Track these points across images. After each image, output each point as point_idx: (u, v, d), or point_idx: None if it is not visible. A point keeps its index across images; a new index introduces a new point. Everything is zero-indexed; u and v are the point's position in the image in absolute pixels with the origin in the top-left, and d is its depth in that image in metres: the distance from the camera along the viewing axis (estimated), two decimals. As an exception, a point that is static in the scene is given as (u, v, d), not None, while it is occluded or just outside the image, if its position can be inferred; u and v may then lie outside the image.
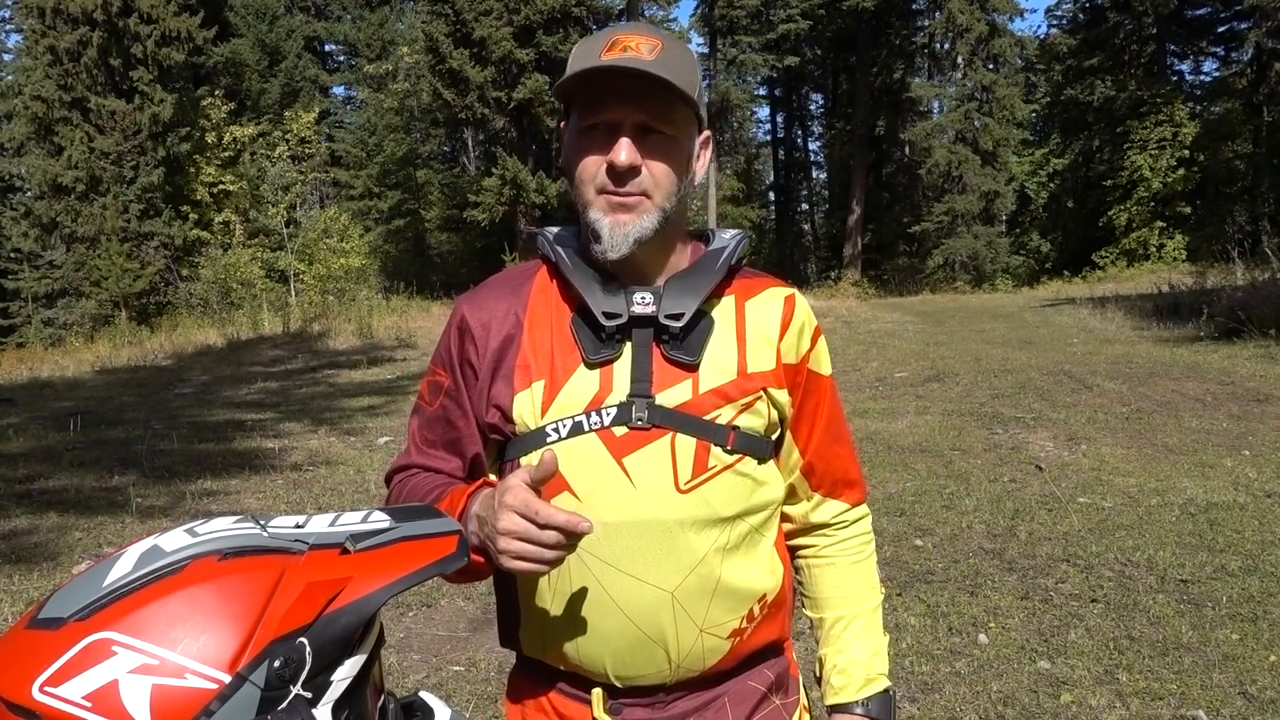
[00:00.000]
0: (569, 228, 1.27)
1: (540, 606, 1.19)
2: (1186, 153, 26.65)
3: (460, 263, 30.53)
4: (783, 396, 1.22)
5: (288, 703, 0.76)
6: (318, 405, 9.41)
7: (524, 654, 1.26)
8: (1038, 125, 35.53)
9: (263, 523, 0.86)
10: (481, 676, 3.52)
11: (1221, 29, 28.98)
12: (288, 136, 26.43)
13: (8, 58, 34.66)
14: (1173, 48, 30.01)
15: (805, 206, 40.22)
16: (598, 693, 1.19)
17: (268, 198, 26.37)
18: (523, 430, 1.18)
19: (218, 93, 27.44)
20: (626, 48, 1.11)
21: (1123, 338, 12.12)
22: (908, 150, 29.65)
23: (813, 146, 39.77)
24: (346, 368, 12.18)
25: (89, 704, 0.71)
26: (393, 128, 31.28)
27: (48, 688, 0.71)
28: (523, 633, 1.23)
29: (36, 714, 0.71)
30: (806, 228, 39.08)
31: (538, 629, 1.21)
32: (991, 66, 27.75)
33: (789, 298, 1.25)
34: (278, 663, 0.75)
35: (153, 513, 5.54)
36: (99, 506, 5.71)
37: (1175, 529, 4.80)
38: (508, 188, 24.28)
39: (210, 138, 26.60)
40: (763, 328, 1.22)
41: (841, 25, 30.17)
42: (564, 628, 1.18)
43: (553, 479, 1.06)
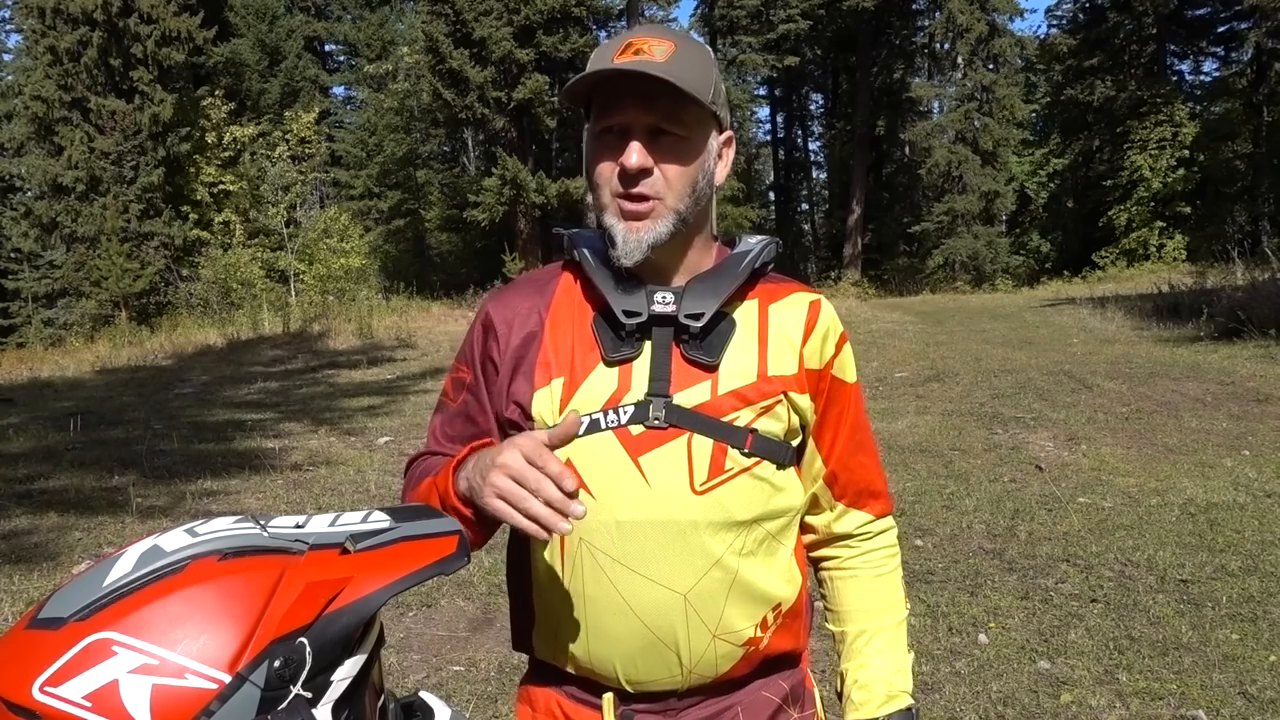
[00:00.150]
0: (594, 229, 1.27)
1: (552, 605, 1.19)
2: (1186, 153, 26.65)
3: (460, 263, 30.56)
4: (804, 401, 1.21)
5: (288, 703, 0.76)
6: (318, 405, 9.42)
7: (536, 657, 1.25)
8: (1038, 125, 35.50)
9: (263, 523, 0.86)
10: (481, 676, 3.52)
11: (1221, 29, 28.98)
12: (288, 136, 26.40)
13: (8, 58, 34.72)
14: (1173, 48, 30.02)
15: (805, 206, 40.22)
16: (609, 698, 1.19)
17: (268, 198, 26.36)
18: (541, 427, 1.18)
19: (218, 93, 27.41)
20: (639, 50, 1.11)
21: (1123, 338, 12.12)
22: (908, 150, 29.65)
23: (813, 146, 39.80)
24: (346, 368, 12.19)
25: (89, 704, 0.71)
26: (393, 128, 31.29)
27: (48, 688, 0.71)
28: (535, 633, 1.23)
29: (37, 714, 0.71)
30: (806, 228, 39.05)
31: (550, 629, 1.20)
32: (991, 66, 27.74)
33: (814, 303, 1.24)
34: (278, 663, 0.75)
35: (153, 513, 5.54)
36: (99, 506, 5.71)
37: (1175, 529, 4.80)
38: (508, 188, 24.27)
39: (210, 138, 26.58)
40: (785, 332, 1.21)
41: (841, 25, 30.15)
42: (576, 628, 1.17)
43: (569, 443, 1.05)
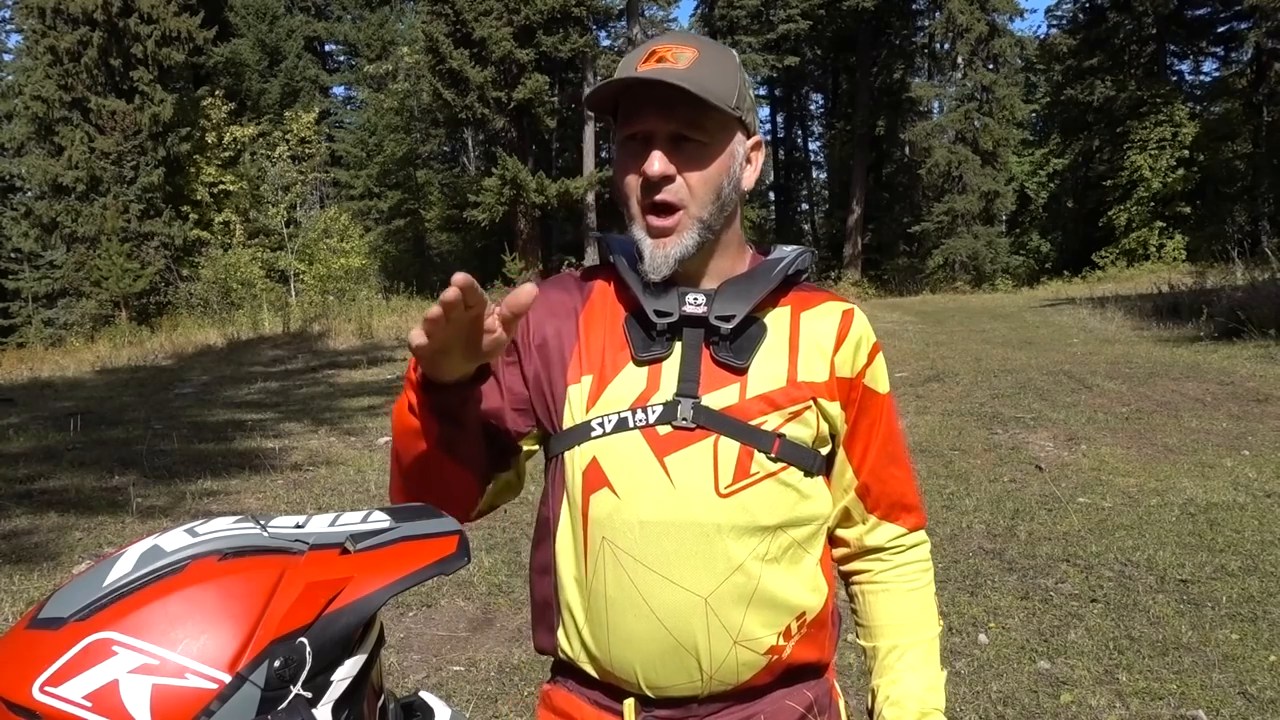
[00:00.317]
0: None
1: (575, 604, 1.19)
2: (1186, 153, 26.66)
3: (460, 263, 30.50)
4: (834, 409, 1.20)
5: (288, 703, 0.76)
6: (318, 405, 9.41)
7: (560, 658, 1.25)
8: (1038, 125, 35.52)
9: (263, 523, 0.86)
10: (481, 676, 3.52)
11: (1221, 29, 28.99)
12: (288, 136, 26.41)
13: (8, 58, 34.71)
14: (1173, 48, 30.03)
15: (805, 206, 40.25)
16: (630, 703, 1.19)
17: (268, 198, 26.38)
18: (569, 423, 1.19)
19: (218, 93, 27.42)
20: (662, 58, 1.12)
21: (1123, 338, 12.12)
22: (908, 150, 29.66)
23: (813, 146, 39.85)
24: (346, 368, 12.18)
25: (89, 704, 0.71)
26: (393, 128, 31.29)
27: (48, 688, 0.71)
28: (561, 632, 1.23)
29: (37, 714, 0.71)
30: (806, 228, 39.05)
31: (573, 628, 1.20)
32: (991, 66, 27.75)
33: (847, 312, 1.24)
34: (278, 663, 0.75)
35: (153, 513, 5.54)
36: (99, 506, 5.71)
37: (1175, 529, 4.80)
38: (508, 188, 24.28)
39: (210, 138, 26.59)
40: (817, 339, 1.21)
41: (841, 25, 30.17)
42: (597, 629, 1.17)
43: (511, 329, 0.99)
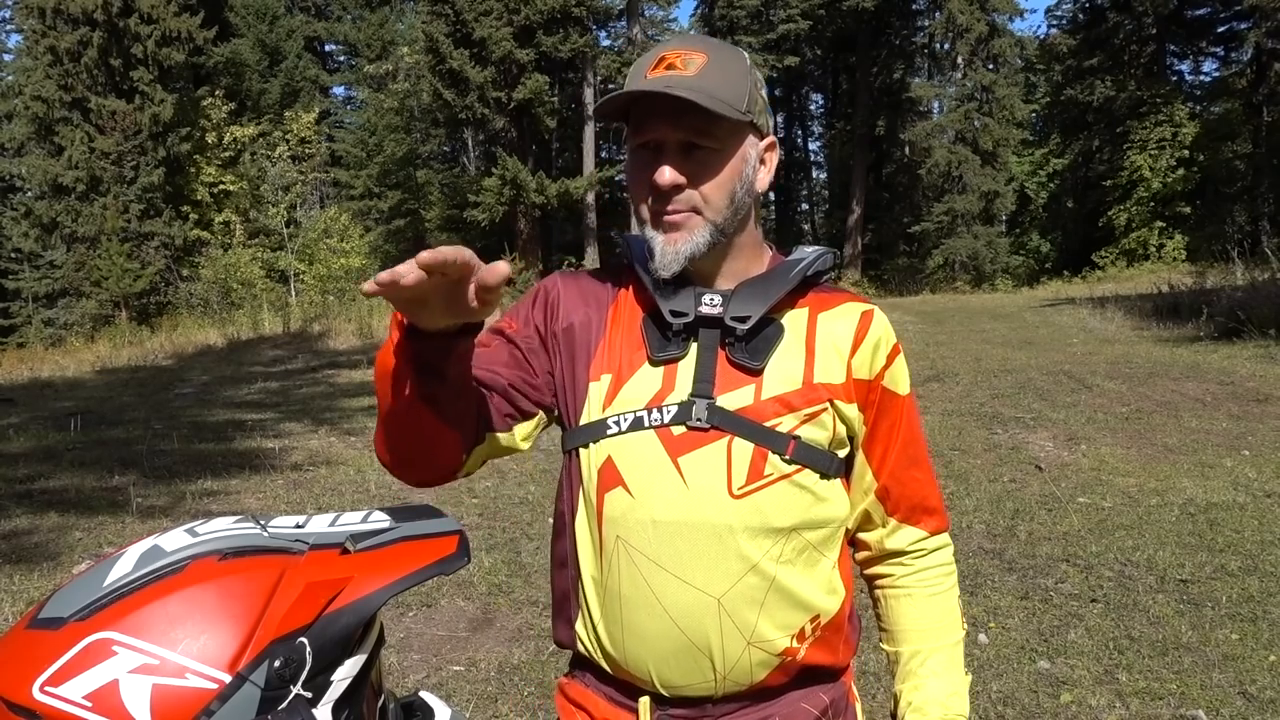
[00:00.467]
0: None
1: (592, 601, 1.20)
2: (1186, 153, 26.64)
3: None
4: (852, 411, 1.19)
5: (288, 702, 0.76)
6: (318, 405, 9.41)
7: (579, 652, 1.26)
8: (1038, 125, 35.50)
9: (263, 523, 0.86)
10: (481, 676, 3.51)
11: (1221, 29, 28.96)
12: (288, 136, 26.43)
13: (8, 58, 34.71)
14: (1172, 48, 30.01)
15: (805, 206, 40.24)
16: (645, 701, 1.19)
17: (268, 198, 26.38)
18: (586, 420, 1.19)
19: (218, 93, 27.44)
20: (671, 65, 1.11)
21: (1122, 338, 12.12)
22: (908, 150, 29.65)
23: (813, 146, 39.82)
24: (346, 368, 12.19)
25: (89, 704, 0.71)
26: (393, 128, 31.27)
27: (48, 687, 0.71)
28: (580, 626, 1.24)
29: (37, 714, 0.71)
30: (806, 228, 39.05)
31: (590, 624, 1.21)
32: (991, 66, 27.74)
33: (866, 313, 1.23)
34: (278, 663, 0.75)
35: (153, 513, 5.54)
36: (99, 506, 5.71)
37: (1175, 529, 4.80)
38: (508, 188, 24.28)
39: (210, 138, 26.60)
40: (834, 340, 1.20)
41: (841, 25, 30.15)
42: (612, 626, 1.18)
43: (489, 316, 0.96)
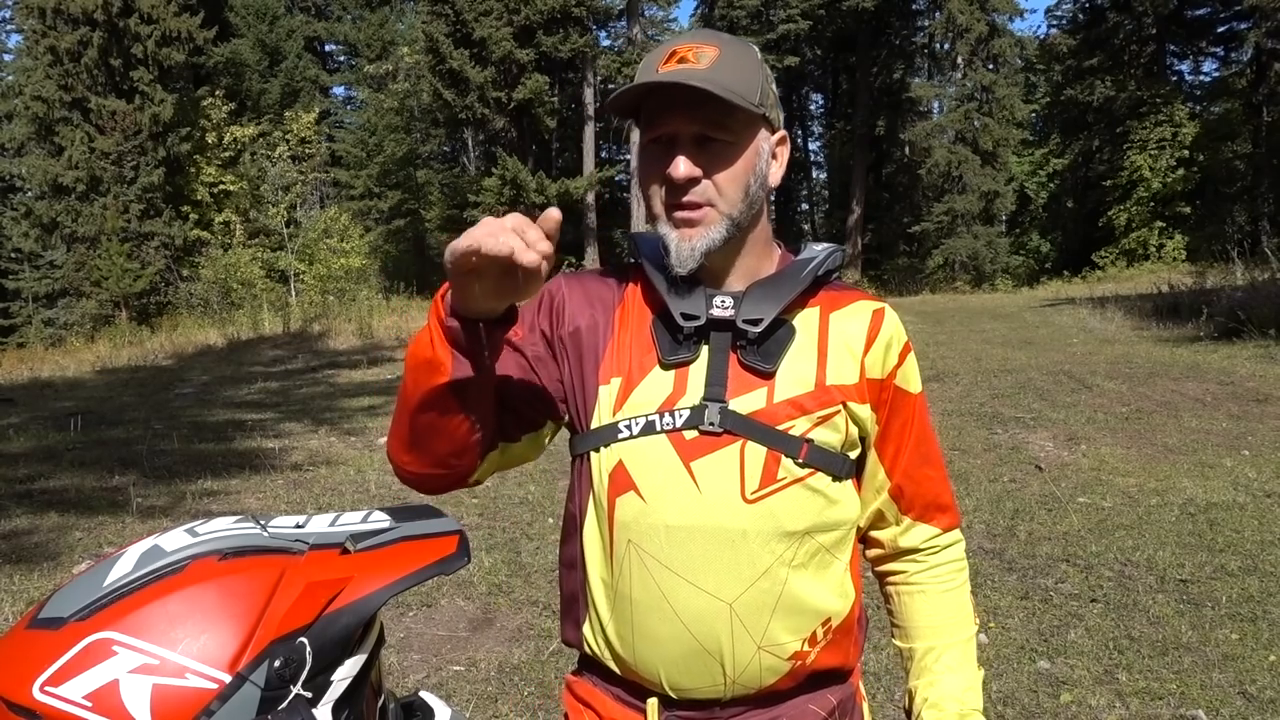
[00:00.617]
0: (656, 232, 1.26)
1: (601, 603, 1.19)
2: (1186, 153, 26.64)
3: (460, 263, 30.44)
4: (865, 412, 1.19)
5: (288, 702, 0.76)
6: (318, 405, 9.41)
7: (586, 652, 1.25)
8: (1038, 125, 35.50)
9: (263, 523, 0.86)
10: (481, 676, 3.51)
11: (1221, 29, 28.97)
12: (288, 136, 26.42)
13: (8, 58, 34.73)
14: (1172, 48, 30.01)
15: (805, 206, 40.21)
16: (653, 703, 1.18)
17: (268, 198, 26.38)
18: (596, 424, 1.18)
19: (218, 93, 27.43)
20: (683, 59, 1.10)
21: (1122, 338, 12.11)
22: (908, 150, 29.65)
23: (813, 146, 39.77)
24: (346, 368, 12.19)
25: (89, 704, 0.71)
26: (393, 128, 31.29)
27: (48, 687, 0.71)
28: (585, 628, 1.23)
29: (37, 714, 0.71)
30: (806, 228, 39.05)
31: (598, 626, 1.20)
32: (991, 66, 27.75)
33: (877, 311, 1.23)
34: (278, 662, 0.75)
35: (153, 513, 5.54)
36: (99, 506, 5.71)
37: (1175, 529, 4.80)
38: (508, 188, 24.28)
39: (210, 138, 26.60)
40: (847, 340, 1.19)
41: (841, 25, 30.15)
42: (622, 629, 1.17)
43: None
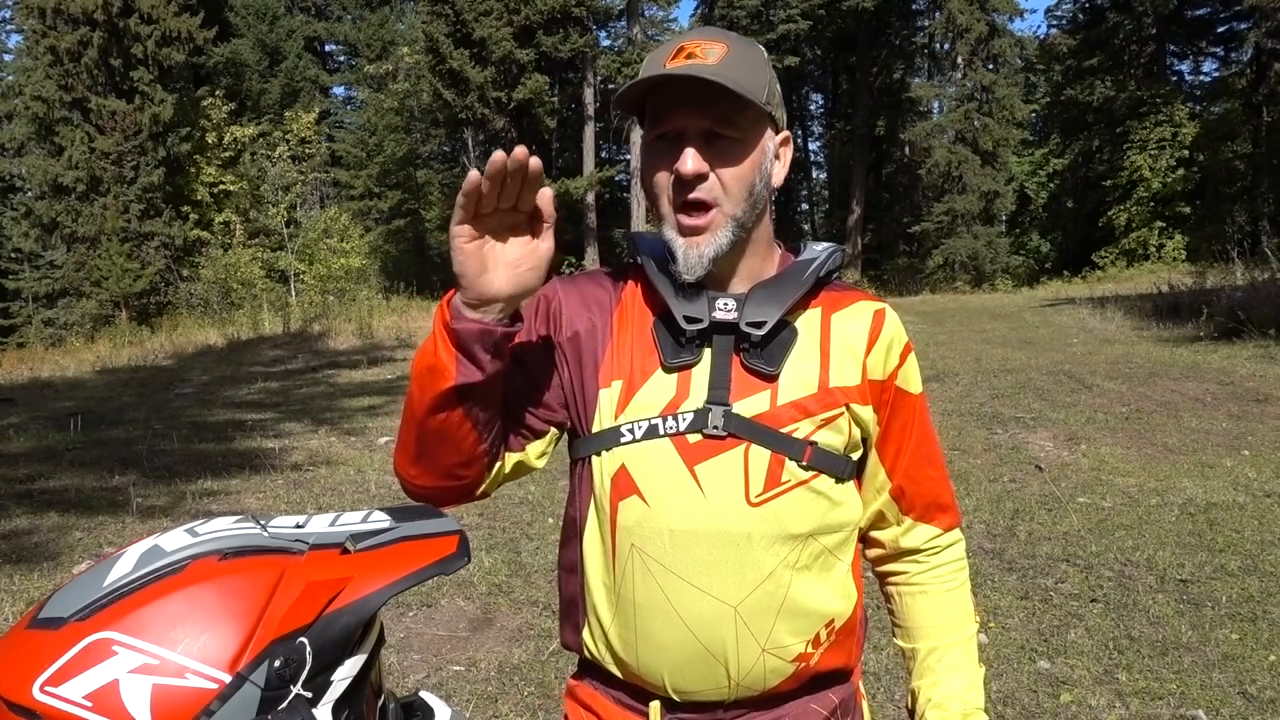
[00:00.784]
0: (656, 232, 1.24)
1: (603, 607, 1.18)
2: (1186, 153, 26.66)
3: (460, 263, 30.43)
4: (867, 413, 1.18)
5: (288, 702, 0.76)
6: (318, 405, 9.41)
7: (586, 657, 1.24)
8: (1038, 125, 35.51)
9: (263, 523, 0.86)
10: (481, 676, 3.51)
11: (1221, 29, 28.99)
12: (288, 136, 26.41)
13: (8, 58, 34.75)
14: (1172, 48, 30.02)
15: (805, 206, 40.22)
16: (655, 705, 1.18)
17: (268, 198, 26.37)
18: (598, 427, 1.17)
19: (218, 93, 27.44)
20: (691, 54, 1.09)
21: (1122, 338, 12.11)
22: (908, 150, 29.66)
23: (813, 146, 39.77)
24: (346, 368, 12.18)
25: (89, 704, 0.71)
26: (393, 128, 31.29)
27: (48, 687, 0.71)
28: (585, 632, 1.22)
29: (37, 714, 0.71)
30: (806, 228, 39.04)
31: (599, 630, 1.19)
32: (991, 66, 27.76)
33: (879, 312, 1.22)
34: (278, 662, 0.75)
35: (153, 513, 5.54)
36: (99, 506, 5.71)
37: (1175, 529, 4.80)
38: (508, 188, 24.22)
39: (210, 138, 26.61)
40: (849, 342, 1.19)
41: (841, 25, 30.16)
42: (625, 633, 1.16)
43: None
